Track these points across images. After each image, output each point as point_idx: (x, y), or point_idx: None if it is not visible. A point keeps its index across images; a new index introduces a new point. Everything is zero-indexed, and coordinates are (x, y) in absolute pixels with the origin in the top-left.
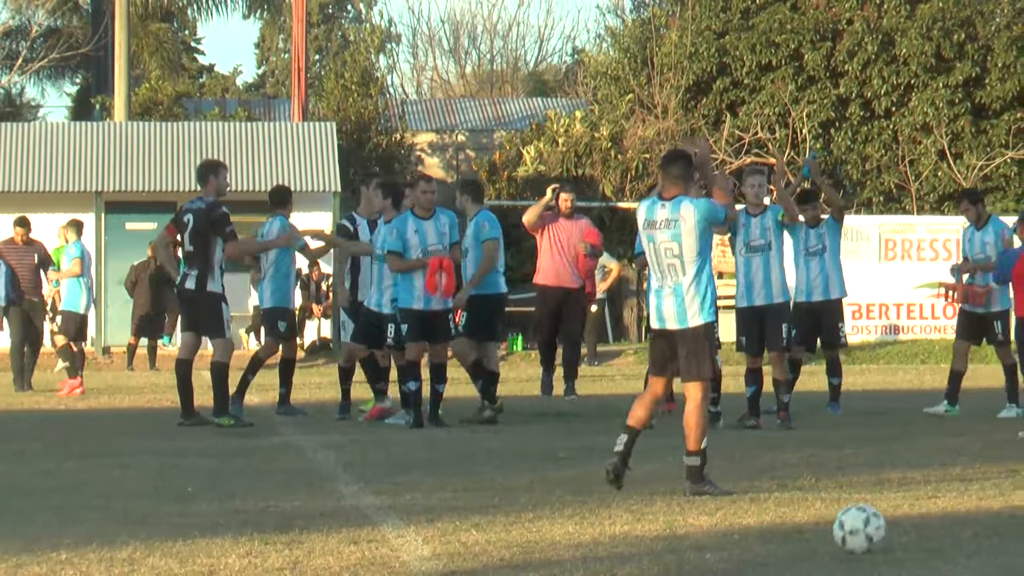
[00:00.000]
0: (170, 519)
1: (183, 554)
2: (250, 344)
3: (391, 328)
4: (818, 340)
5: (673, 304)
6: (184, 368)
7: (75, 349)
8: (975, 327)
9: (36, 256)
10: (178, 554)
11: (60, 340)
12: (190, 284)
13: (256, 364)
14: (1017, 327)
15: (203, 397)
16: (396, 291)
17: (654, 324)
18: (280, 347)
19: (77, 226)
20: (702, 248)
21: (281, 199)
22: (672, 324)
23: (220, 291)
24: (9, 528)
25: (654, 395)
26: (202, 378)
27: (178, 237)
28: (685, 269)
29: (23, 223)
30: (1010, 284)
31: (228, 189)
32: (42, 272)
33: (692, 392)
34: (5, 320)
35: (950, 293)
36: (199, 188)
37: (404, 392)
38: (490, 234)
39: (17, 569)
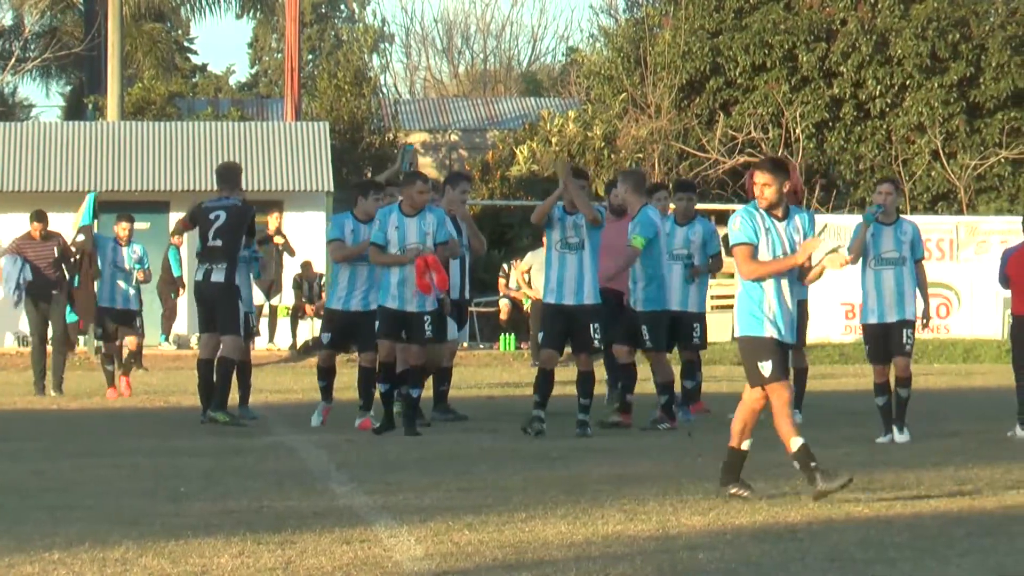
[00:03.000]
0: (163, 519)
1: (176, 554)
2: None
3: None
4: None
5: None
6: (206, 368)
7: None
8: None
9: (55, 249)
10: (171, 554)
11: (134, 341)
12: (217, 277)
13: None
14: (1014, 326)
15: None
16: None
17: None
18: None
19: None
20: None
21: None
22: None
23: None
24: (2, 528)
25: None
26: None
27: (182, 236)
28: None
29: (40, 217)
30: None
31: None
32: (64, 265)
33: None
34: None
35: None
36: (221, 188)
37: (381, 393)
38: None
39: (9, 569)
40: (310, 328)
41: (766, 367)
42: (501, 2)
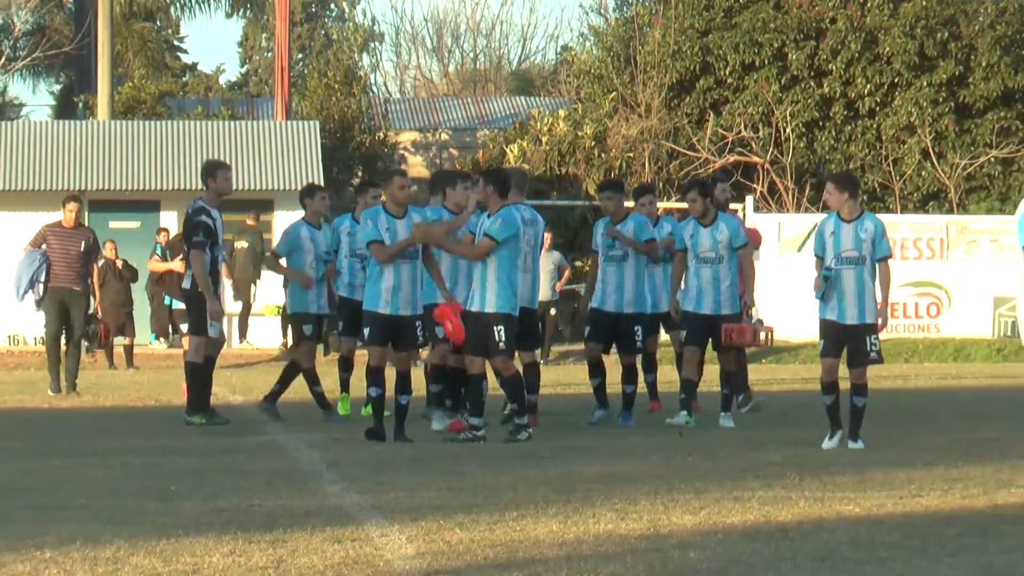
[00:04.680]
0: (154, 518)
1: (167, 553)
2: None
3: (498, 332)
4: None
5: None
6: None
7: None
8: (703, 331)
9: (83, 243)
10: (162, 553)
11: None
12: (186, 283)
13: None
14: None
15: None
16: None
17: None
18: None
19: None
20: None
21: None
22: None
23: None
24: None
25: None
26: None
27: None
28: None
29: (76, 199)
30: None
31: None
32: (92, 260)
33: None
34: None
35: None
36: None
37: (372, 399)
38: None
39: (1, 568)
40: None
41: None
42: (491, 1)
